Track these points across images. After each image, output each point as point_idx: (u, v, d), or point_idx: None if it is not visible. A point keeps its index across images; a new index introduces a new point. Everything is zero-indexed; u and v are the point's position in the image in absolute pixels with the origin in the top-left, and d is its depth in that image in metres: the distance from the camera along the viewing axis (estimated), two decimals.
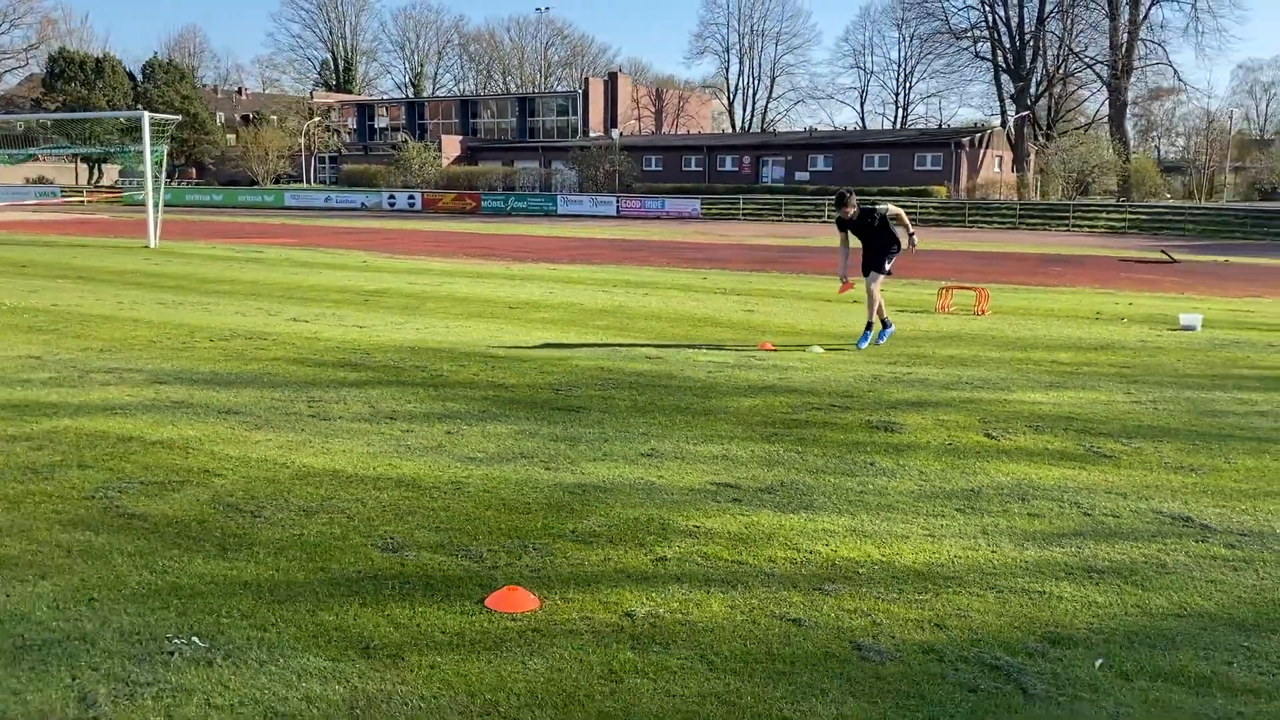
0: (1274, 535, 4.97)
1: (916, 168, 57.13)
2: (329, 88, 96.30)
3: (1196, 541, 4.86)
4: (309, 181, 73.91)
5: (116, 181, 71.92)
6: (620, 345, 10.55)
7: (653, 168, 65.51)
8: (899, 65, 78.55)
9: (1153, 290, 18.47)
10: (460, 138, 76.27)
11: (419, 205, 58.59)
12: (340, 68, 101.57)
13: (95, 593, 3.97)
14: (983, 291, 14.24)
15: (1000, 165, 60.60)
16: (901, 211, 10.84)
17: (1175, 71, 67.95)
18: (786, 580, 4.29)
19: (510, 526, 4.86)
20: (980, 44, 62.63)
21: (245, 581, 4.11)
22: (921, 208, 47.40)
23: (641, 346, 10.50)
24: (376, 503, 5.18)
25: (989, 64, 63.08)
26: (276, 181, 69.98)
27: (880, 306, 10.76)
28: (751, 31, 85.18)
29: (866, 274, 10.63)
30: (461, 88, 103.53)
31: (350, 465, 5.85)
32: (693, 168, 65.46)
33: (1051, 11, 59.27)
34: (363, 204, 59.15)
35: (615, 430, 6.86)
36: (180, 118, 31.34)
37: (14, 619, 3.73)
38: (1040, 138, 60.86)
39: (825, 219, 49.30)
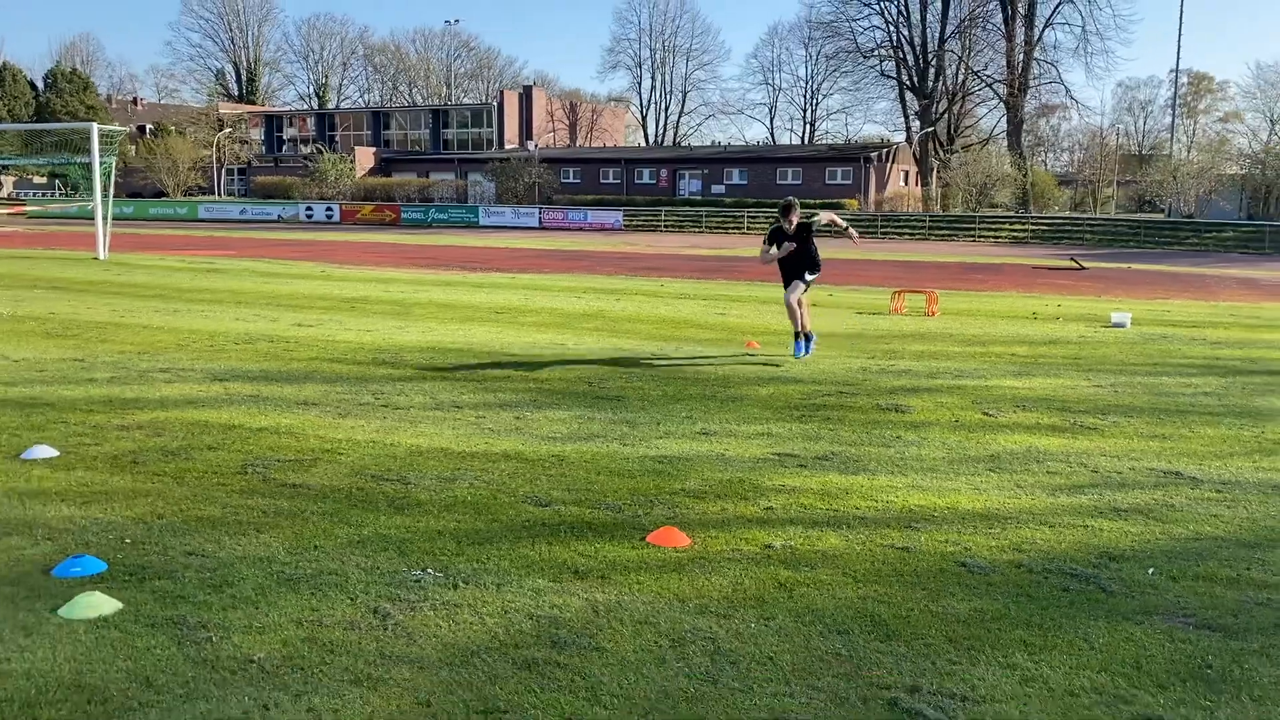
0: (1250, 484, 6.04)
1: (828, 182, 59.10)
2: (231, 98, 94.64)
3: (1190, 489, 5.90)
4: (218, 194, 72.63)
5: (13, 193, 69.61)
6: (620, 345, 11.34)
7: (571, 180, 66.31)
8: (806, 82, 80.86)
9: (1072, 294, 20.00)
10: (373, 149, 75.92)
11: (337, 217, 58.27)
12: (243, 78, 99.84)
13: (316, 541, 4.63)
14: (932, 294, 15.44)
15: (906, 179, 63.05)
16: (835, 215, 10.96)
17: (1067, 89, 71.63)
18: (878, 521, 5.16)
19: (627, 487, 5.64)
20: (885, 63, 65.15)
21: (437, 530, 4.82)
22: None
23: (642, 345, 11.31)
24: (500, 471, 5.90)
25: (894, 82, 65.63)
26: (188, 194, 68.61)
27: (805, 318, 10.47)
28: (663, 48, 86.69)
29: (788, 285, 10.44)
30: (366, 99, 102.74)
31: (452, 444, 6.54)
32: (611, 180, 66.46)
33: (952, 32, 62.06)
34: (279, 216, 58.54)
35: (661, 415, 7.66)
36: (127, 129, 30.93)
37: (261, 561, 4.38)
38: (941, 153, 63.55)
39: (745, 231, 50.81)
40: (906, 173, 63.27)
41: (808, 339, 10.58)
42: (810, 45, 76.62)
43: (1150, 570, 4.54)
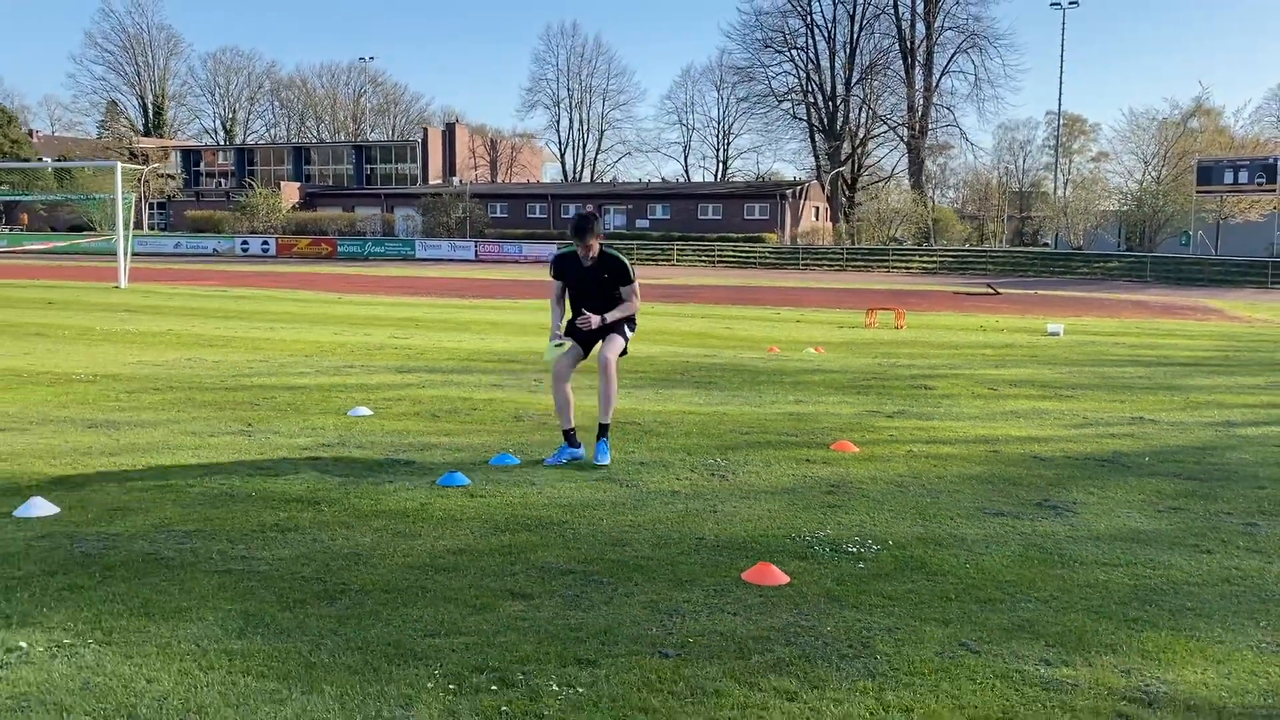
0: (1190, 422, 8.90)
1: (746, 217, 62.74)
2: (138, 132, 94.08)
3: (1153, 425, 8.73)
4: (144, 228, 72.54)
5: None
6: (671, 350, 13.88)
7: (498, 214, 68.57)
8: (719, 123, 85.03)
9: (999, 314, 23.30)
10: (297, 184, 76.90)
11: (273, 250, 59.34)
12: (149, 112, 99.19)
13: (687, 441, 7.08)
14: (900, 310, 18.41)
15: (817, 215, 67.13)
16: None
17: (962, 132, 77.06)
18: (967, 441, 7.83)
19: (786, 425, 8.19)
20: (797, 106, 69.43)
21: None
22: (759, 253, 52.63)
23: (686, 350, 13.87)
24: (706, 419, 8.39)
25: (804, 124, 69.92)
26: (80, 229, 68.37)
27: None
28: (580, 87, 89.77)
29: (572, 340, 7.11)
30: (274, 134, 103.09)
31: (645, 407, 8.99)
32: (537, 215, 68.94)
33: (858, 79, 66.70)
34: (215, 250, 59.32)
35: (752, 392, 10.22)
36: (150, 166, 32.15)
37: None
38: (848, 190, 67.95)
39: (675, 263, 53.81)
40: (818, 209, 67.33)
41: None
42: (722, 88, 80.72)
43: (1146, 458, 7.31)
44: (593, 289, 6.78)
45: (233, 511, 5.34)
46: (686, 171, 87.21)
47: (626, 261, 6.90)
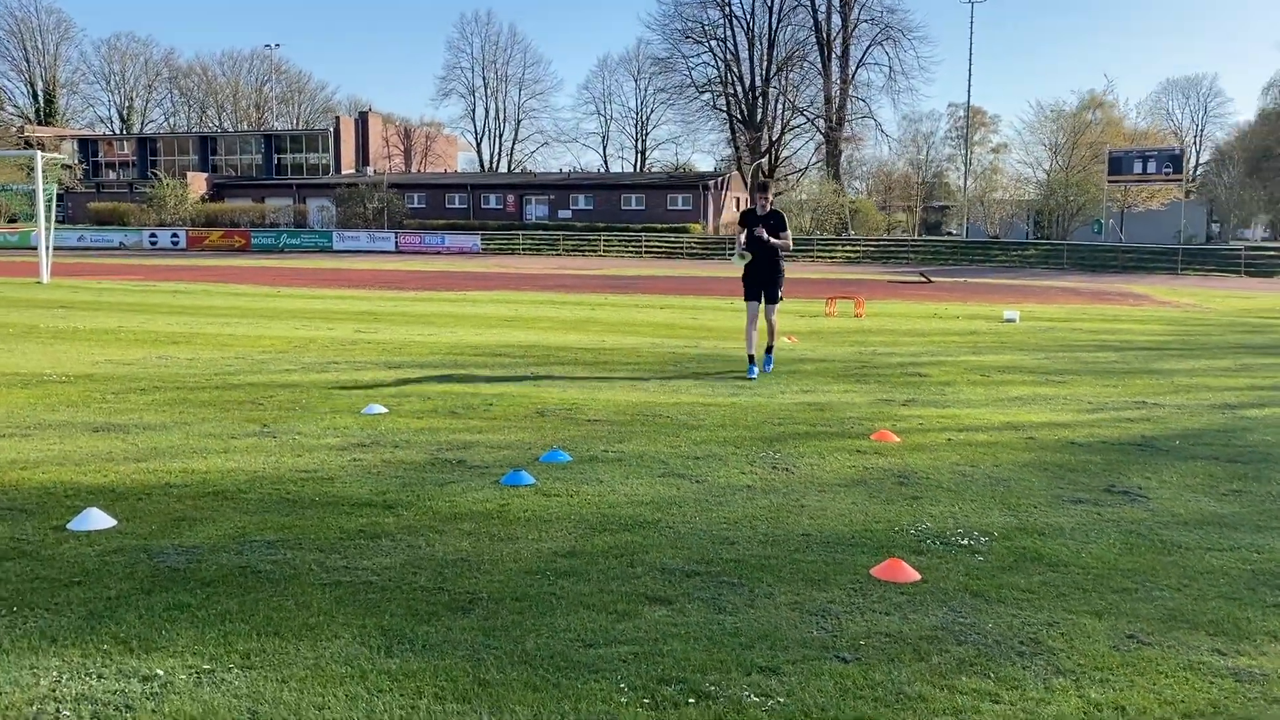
0: (1192, 405, 9.11)
1: (669, 207, 62.86)
2: (29, 121, 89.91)
3: (1160, 409, 8.90)
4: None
5: None
6: (655, 341, 13.73)
7: (416, 205, 67.42)
8: (637, 113, 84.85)
9: (942, 302, 23.68)
10: (204, 175, 74.50)
11: (183, 244, 57.39)
12: (40, 100, 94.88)
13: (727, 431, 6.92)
14: (859, 299, 18.56)
15: (738, 205, 67.53)
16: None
17: (877, 124, 78.26)
18: (996, 428, 7.86)
19: (814, 417, 8.13)
20: (718, 98, 69.70)
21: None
22: (685, 243, 52.75)
23: (669, 341, 13.74)
24: (730, 410, 8.26)
25: (725, 115, 70.23)
26: (12, 221, 65.28)
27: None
28: (496, 76, 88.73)
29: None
30: (173, 123, 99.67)
31: (661, 399, 8.83)
32: (457, 205, 68.02)
33: (777, 70, 67.26)
34: (121, 242, 57.08)
35: (761, 383, 10.15)
36: (64, 157, 30.48)
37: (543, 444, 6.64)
38: (765, 179, 68.59)
39: (601, 254, 53.60)
40: (738, 199, 67.77)
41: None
42: (640, 78, 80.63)
43: (1176, 441, 7.43)
44: (760, 225, 10.31)
45: (305, 518, 5.04)
46: (605, 162, 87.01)
47: (783, 214, 10.64)
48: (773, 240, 10.27)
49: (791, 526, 5.06)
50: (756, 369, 10.47)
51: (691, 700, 3.19)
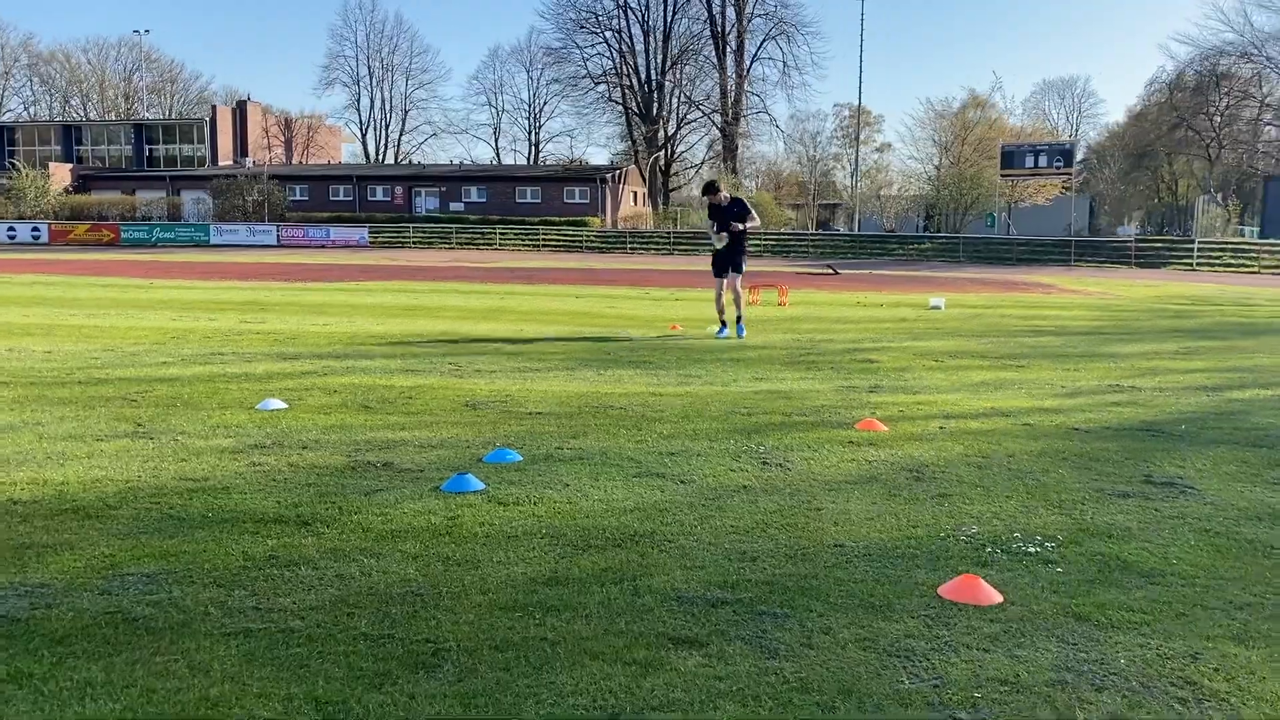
0: (1171, 387, 8.53)
1: (566, 200, 61.64)
2: None
3: (1137, 392, 8.28)
4: None
5: None
6: (577, 330, 12.69)
7: (298, 197, 64.71)
8: (530, 105, 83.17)
9: (857, 292, 23.22)
10: (69, 166, 70.20)
11: (45, 238, 53.82)
12: None
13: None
14: (783, 287, 17.83)
15: (636, 199, 66.82)
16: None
17: (772, 119, 78.42)
18: (980, 415, 7.08)
19: (785, 406, 7.23)
20: (614, 90, 68.79)
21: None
22: (584, 236, 51.74)
23: (586, 330, 12.72)
24: (688, 400, 7.29)
25: (620, 108, 69.37)
26: None
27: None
28: (381, 65, 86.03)
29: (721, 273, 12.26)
30: (33, 112, 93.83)
31: (605, 389, 7.81)
32: (342, 198, 65.55)
33: (672, 64, 66.73)
34: None
35: (702, 370, 9.21)
36: None
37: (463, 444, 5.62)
38: (663, 175, 68.03)
39: (498, 247, 52.18)
40: (636, 193, 67.04)
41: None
42: (533, 69, 79.17)
43: (1182, 426, 6.75)
44: (727, 217, 11.80)
45: (196, 541, 3.87)
46: (498, 154, 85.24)
47: (745, 200, 12.36)
48: (744, 226, 11.91)
49: (816, 535, 4.11)
50: (728, 329, 12.00)
51: None
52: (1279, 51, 55.00)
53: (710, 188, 12.22)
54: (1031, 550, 3.96)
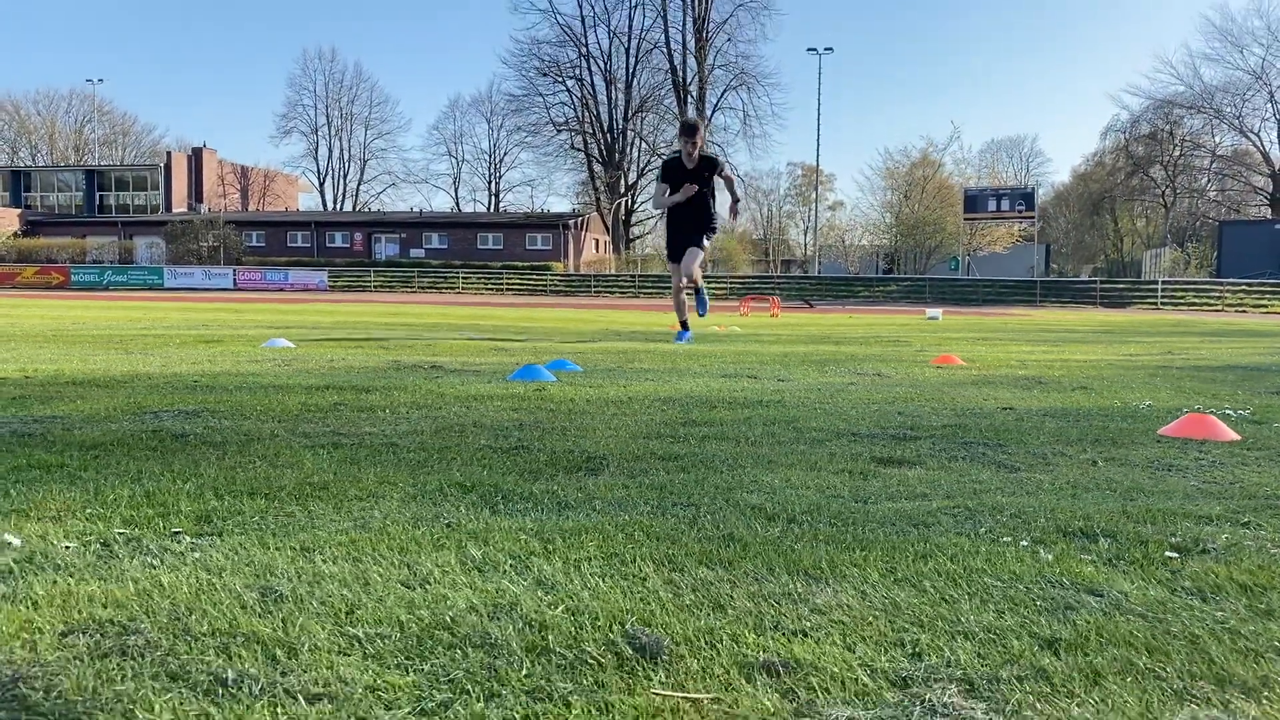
0: (1248, 358, 8.08)
1: (528, 247, 61.18)
2: None
3: (1214, 355, 7.83)
4: None
5: None
6: (584, 337, 12.08)
7: (255, 243, 63.60)
8: (490, 155, 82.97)
9: (837, 315, 22.83)
10: (17, 211, 68.63)
11: None
12: None
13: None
14: (775, 300, 17.35)
15: (598, 246, 66.57)
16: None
17: (733, 168, 78.61)
18: (1078, 361, 6.56)
19: (849, 353, 6.64)
20: (575, 137, 68.79)
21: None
22: (548, 281, 51.32)
23: (606, 325, 12.11)
24: (735, 354, 6.68)
25: (583, 156, 69.35)
26: None
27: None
28: (340, 115, 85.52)
29: (676, 255, 8.84)
30: None
31: (649, 347, 7.18)
32: (299, 243, 64.49)
33: (635, 112, 66.96)
34: None
35: (735, 343, 8.64)
36: None
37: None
38: (624, 223, 68.01)
39: (460, 290, 51.44)
40: (598, 240, 66.81)
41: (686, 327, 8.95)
42: (493, 119, 79.11)
43: (1271, 370, 6.26)
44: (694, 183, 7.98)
45: (235, 395, 3.15)
46: (457, 203, 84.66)
47: (716, 160, 8.23)
48: (727, 211, 8.75)
49: (974, 403, 3.49)
50: (689, 334, 8.67)
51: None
52: (1227, 103, 56.44)
53: (689, 128, 8.26)
54: (1235, 415, 3.37)
